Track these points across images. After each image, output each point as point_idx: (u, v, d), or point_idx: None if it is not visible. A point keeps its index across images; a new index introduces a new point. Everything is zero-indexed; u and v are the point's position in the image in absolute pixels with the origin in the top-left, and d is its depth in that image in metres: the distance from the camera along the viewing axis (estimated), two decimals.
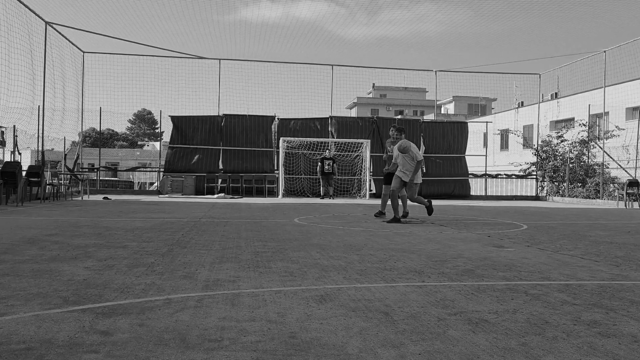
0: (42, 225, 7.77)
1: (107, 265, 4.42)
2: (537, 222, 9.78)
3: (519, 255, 5.36)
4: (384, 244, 6.16)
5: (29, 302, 3.14)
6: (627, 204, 17.04)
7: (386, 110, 58.79)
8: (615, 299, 3.46)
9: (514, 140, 28.09)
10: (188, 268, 4.34)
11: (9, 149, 16.95)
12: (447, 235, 7.20)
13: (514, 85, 29.17)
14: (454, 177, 21.64)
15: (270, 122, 20.98)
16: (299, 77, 21.97)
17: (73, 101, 19.64)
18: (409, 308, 3.14)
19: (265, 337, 2.54)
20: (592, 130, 22.40)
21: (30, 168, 14.61)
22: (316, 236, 6.84)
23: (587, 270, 4.55)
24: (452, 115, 51.07)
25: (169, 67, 35.50)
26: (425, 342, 2.51)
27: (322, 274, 4.17)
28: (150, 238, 6.34)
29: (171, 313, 2.94)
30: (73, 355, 2.25)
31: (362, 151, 20.71)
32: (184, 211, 11.14)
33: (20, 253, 5.00)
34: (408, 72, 39.08)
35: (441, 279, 4.09)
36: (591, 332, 2.71)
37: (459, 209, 14.12)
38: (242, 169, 20.59)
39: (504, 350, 2.40)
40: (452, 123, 23.14)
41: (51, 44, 16.81)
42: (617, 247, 6.24)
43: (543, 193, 22.77)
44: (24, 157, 18.27)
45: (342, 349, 2.38)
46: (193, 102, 33.43)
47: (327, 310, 3.05)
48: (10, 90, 13.88)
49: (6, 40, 13.62)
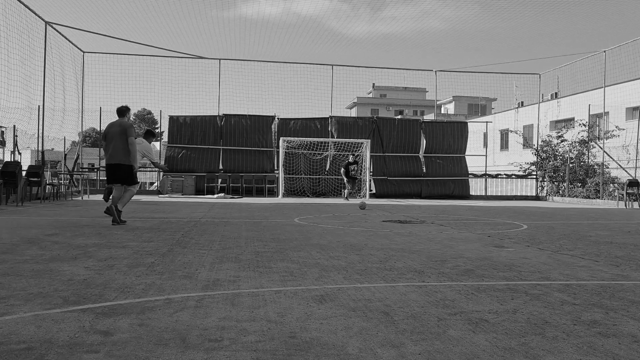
0: (42, 225, 7.77)
1: (107, 265, 4.42)
2: (537, 222, 9.78)
3: (519, 255, 5.36)
4: (384, 244, 6.16)
5: (29, 302, 3.14)
6: (627, 204, 17.04)
7: (386, 110, 58.77)
8: (615, 299, 3.46)
9: (514, 140, 28.08)
10: (188, 268, 4.34)
11: (9, 149, 16.95)
12: (447, 235, 7.19)
13: (514, 85, 29.18)
14: (454, 177, 21.64)
15: (270, 122, 20.98)
16: (299, 77, 21.96)
17: (73, 101, 19.65)
18: (409, 308, 3.14)
19: (265, 337, 2.54)
20: (592, 130, 22.39)
21: (30, 168, 14.60)
22: (316, 236, 6.84)
23: (587, 270, 4.55)
24: (452, 115, 51.05)
25: (169, 67, 35.48)
26: (425, 342, 2.51)
27: (322, 274, 4.17)
28: (150, 238, 6.34)
29: (171, 313, 2.94)
30: (73, 355, 2.25)
31: (362, 151, 20.71)
32: (184, 211, 11.13)
33: (20, 253, 5.00)
34: (408, 72, 39.07)
35: (441, 279, 4.09)
36: (591, 332, 2.71)
37: (459, 209, 14.12)
38: (242, 169, 20.59)
39: (504, 350, 2.40)
40: (452, 123, 23.14)
41: (51, 44, 16.81)
42: (617, 247, 6.24)
43: (543, 193, 22.77)
44: (24, 157, 18.28)
45: (342, 349, 2.38)
46: (193, 102, 33.44)
47: (327, 310, 3.05)
48: (10, 90, 13.88)
49: (6, 40, 13.63)
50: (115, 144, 7.95)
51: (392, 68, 27.84)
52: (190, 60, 21.55)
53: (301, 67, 21.97)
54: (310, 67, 21.94)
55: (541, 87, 24.36)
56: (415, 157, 21.58)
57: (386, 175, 21.12)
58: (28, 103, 15.09)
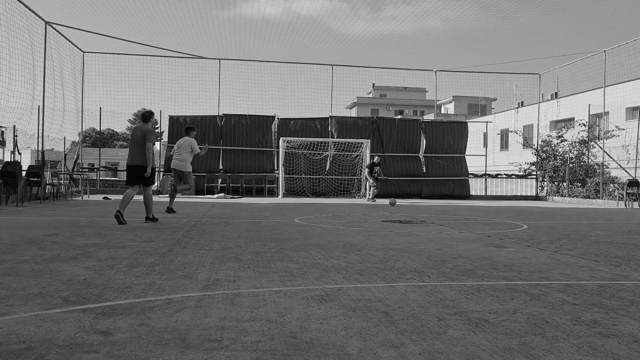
0: (42, 225, 7.77)
1: (107, 265, 4.42)
2: (537, 222, 9.78)
3: (519, 255, 5.36)
4: (384, 244, 6.16)
5: (29, 302, 3.14)
6: (627, 204, 17.04)
7: (386, 110, 58.76)
8: (615, 299, 3.46)
9: (514, 140, 28.08)
10: (188, 268, 4.34)
11: (9, 149, 16.95)
12: (447, 235, 7.19)
13: (514, 85, 29.20)
14: (454, 177, 21.64)
15: (270, 122, 20.98)
16: (299, 77, 21.97)
17: (73, 101, 19.65)
18: (409, 308, 3.14)
19: (265, 337, 2.54)
20: (592, 130, 22.39)
21: (30, 168, 14.60)
22: (316, 236, 6.84)
23: (587, 270, 4.55)
24: (452, 115, 51.05)
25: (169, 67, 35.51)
26: (425, 342, 2.51)
27: (322, 274, 4.17)
28: (150, 238, 6.34)
29: (171, 313, 2.94)
30: (73, 355, 2.25)
31: (362, 151, 20.71)
32: (184, 211, 11.13)
33: (20, 253, 5.00)
34: (408, 72, 39.07)
35: (441, 279, 4.09)
36: (591, 332, 2.71)
37: (459, 209, 14.12)
38: (242, 169, 20.59)
39: (504, 350, 2.40)
40: (452, 123, 23.13)
41: (51, 44, 16.80)
42: (617, 247, 6.24)
43: (543, 193, 22.77)
44: (24, 157, 18.27)
45: (342, 349, 2.38)
46: (193, 102, 33.47)
47: (327, 310, 3.05)
48: (10, 90, 13.88)
49: (6, 40, 13.63)
50: (137, 148, 8.47)
51: (392, 68, 27.86)
52: (190, 60, 21.56)
53: (301, 67, 21.99)
54: (310, 67, 21.96)
55: (541, 87, 24.38)
56: (415, 157, 21.58)
57: (386, 175, 21.12)
58: (28, 103, 15.09)
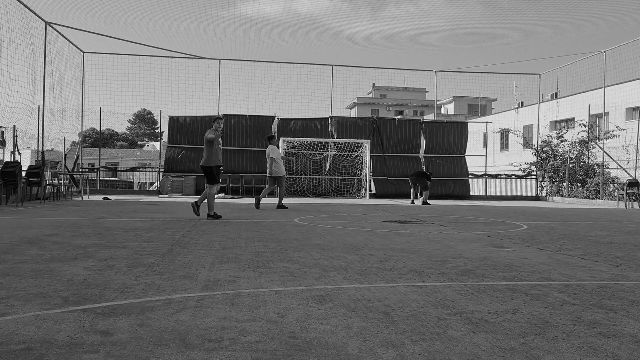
0: (42, 225, 7.77)
1: (107, 265, 4.42)
2: (537, 222, 9.78)
3: (519, 255, 5.36)
4: (384, 244, 6.16)
5: (29, 302, 3.14)
6: (627, 204, 17.04)
7: (386, 110, 58.77)
8: (615, 299, 3.46)
9: (514, 141, 28.08)
10: (188, 268, 4.34)
11: (9, 149, 16.94)
12: (447, 235, 7.19)
13: (514, 85, 29.20)
14: (454, 177, 21.64)
15: (270, 122, 20.99)
16: (299, 77, 22.04)
17: (73, 101, 19.65)
18: (409, 308, 3.14)
19: (265, 337, 2.54)
20: (592, 130, 22.39)
21: (30, 168, 14.60)
22: (316, 236, 6.84)
23: (587, 270, 4.55)
24: (452, 115, 51.05)
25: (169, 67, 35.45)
26: (425, 342, 2.51)
27: (322, 274, 4.17)
28: (150, 238, 6.34)
29: (171, 313, 2.94)
30: (73, 355, 2.25)
31: (362, 151, 20.71)
32: (184, 211, 11.13)
33: (20, 253, 5.00)
34: (408, 72, 39.14)
35: (441, 279, 4.09)
36: (591, 332, 2.71)
37: (459, 209, 14.12)
38: (242, 169, 20.59)
39: (504, 350, 2.40)
40: (452, 123, 23.13)
41: (51, 44, 16.81)
42: (617, 247, 6.24)
43: (543, 193, 22.76)
44: (24, 157, 18.27)
45: (342, 349, 2.38)
46: (193, 102, 33.44)
47: (327, 310, 3.05)
48: (11, 90, 13.88)
49: (6, 40, 13.63)
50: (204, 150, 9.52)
51: (392, 68, 27.93)
52: (190, 60, 21.56)
53: (301, 67, 21.99)
54: (310, 67, 21.96)
55: (541, 87, 24.38)
56: (415, 157, 21.58)
57: (386, 175, 21.12)
58: (28, 103, 15.09)
